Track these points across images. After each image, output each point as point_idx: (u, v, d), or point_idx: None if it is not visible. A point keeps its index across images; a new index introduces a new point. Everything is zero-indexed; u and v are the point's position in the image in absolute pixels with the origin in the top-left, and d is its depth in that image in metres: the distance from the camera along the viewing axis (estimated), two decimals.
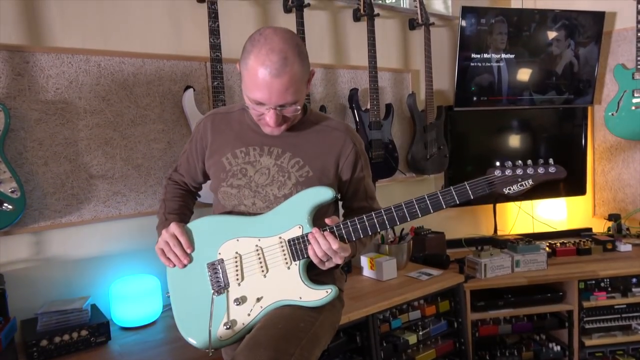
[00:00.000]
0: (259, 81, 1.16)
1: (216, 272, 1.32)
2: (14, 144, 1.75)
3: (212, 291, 1.31)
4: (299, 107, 1.24)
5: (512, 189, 1.23)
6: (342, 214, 1.50)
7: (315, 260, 1.25)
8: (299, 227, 1.27)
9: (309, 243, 1.24)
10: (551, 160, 1.24)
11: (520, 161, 1.24)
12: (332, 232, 1.25)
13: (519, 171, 1.23)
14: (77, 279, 1.91)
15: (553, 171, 1.23)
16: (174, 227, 1.34)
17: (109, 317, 1.84)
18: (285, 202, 1.31)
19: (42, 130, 1.80)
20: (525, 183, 1.23)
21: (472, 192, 1.22)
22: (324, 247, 1.22)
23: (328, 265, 1.26)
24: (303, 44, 1.27)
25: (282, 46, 1.16)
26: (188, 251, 1.34)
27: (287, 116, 1.26)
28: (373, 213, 1.26)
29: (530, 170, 1.23)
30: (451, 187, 1.22)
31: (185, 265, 1.35)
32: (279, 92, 1.18)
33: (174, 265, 1.35)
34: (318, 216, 1.29)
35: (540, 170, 1.23)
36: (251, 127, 1.38)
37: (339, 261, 1.25)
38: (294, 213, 1.28)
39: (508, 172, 1.23)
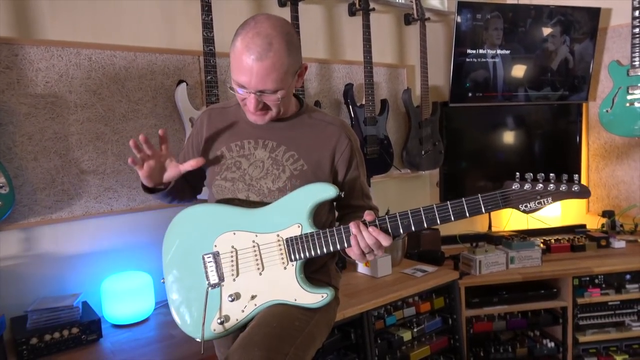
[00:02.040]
0: (242, 64, 1.16)
1: (211, 265, 1.30)
2: (3, 139, 1.71)
3: (207, 284, 1.29)
4: (279, 97, 1.22)
5: (529, 206, 1.12)
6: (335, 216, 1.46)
7: (355, 252, 1.20)
8: (298, 226, 1.24)
9: (307, 246, 1.21)
10: (576, 177, 1.12)
11: (542, 174, 1.13)
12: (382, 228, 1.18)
13: (539, 187, 1.12)
14: (68, 275, 1.88)
15: (577, 190, 1.11)
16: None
17: (101, 315, 1.82)
18: (287, 196, 1.28)
19: (32, 125, 1.77)
20: (544, 201, 1.12)
21: (484, 206, 1.13)
22: (371, 243, 1.17)
23: (369, 257, 1.23)
24: (296, 35, 1.25)
25: (269, 32, 1.15)
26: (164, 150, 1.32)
27: (267, 104, 1.24)
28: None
29: (551, 187, 1.11)
30: (462, 199, 1.14)
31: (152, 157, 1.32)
32: (259, 77, 1.16)
33: (147, 168, 1.31)
34: (315, 214, 1.26)
35: (563, 187, 1.11)
36: (247, 121, 1.35)
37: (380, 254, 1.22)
38: (295, 210, 1.25)
39: (527, 186, 1.12)
